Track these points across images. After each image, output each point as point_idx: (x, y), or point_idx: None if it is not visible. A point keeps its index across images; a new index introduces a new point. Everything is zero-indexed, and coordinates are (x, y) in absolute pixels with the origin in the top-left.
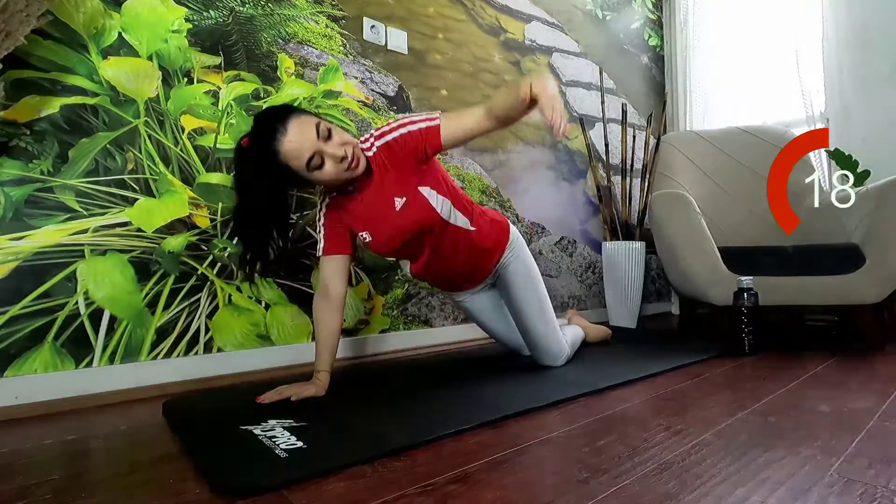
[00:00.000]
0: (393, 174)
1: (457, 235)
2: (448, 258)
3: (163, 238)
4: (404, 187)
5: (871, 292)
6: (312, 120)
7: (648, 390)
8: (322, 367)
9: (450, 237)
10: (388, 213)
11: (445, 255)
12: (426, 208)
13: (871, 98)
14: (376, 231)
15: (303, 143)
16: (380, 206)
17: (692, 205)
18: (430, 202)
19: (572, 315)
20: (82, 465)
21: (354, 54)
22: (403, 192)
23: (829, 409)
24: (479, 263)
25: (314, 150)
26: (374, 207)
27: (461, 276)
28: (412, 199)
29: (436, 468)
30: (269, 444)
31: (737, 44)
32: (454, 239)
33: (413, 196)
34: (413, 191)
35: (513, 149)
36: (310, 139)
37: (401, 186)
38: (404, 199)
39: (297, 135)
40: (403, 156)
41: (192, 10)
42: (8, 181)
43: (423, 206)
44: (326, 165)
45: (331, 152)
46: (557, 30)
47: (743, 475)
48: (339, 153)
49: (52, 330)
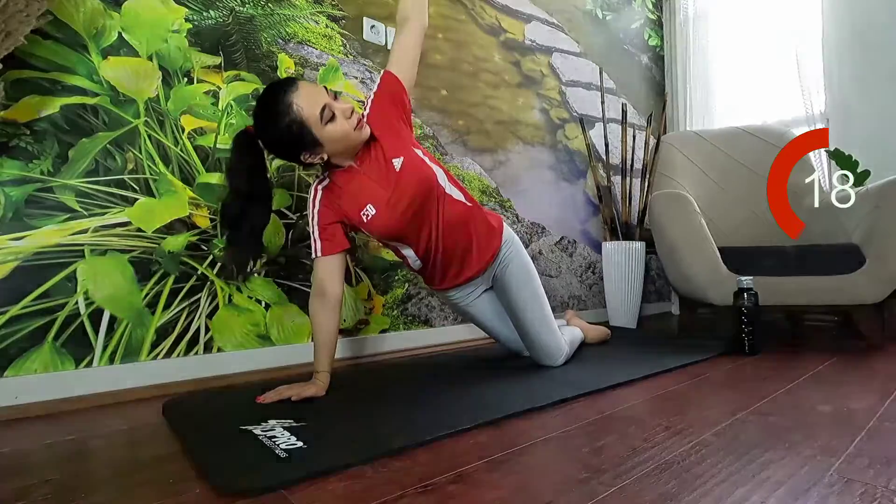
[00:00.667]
0: (387, 139)
1: (455, 207)
2: (449, 233)
3: (163, 238)
4: (400, 147)
5: (871, 292)
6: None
7: (648, 390)
8: (321, 367)
9: (449, 208)
10: (390, 177)
11: (447, 229)
12: (423, 167)
13: (871, 98)
14: (379, 202)
15: (316, 95)
16: (381, 172)
17: (692, 205)
18: (426, 162)
19: (571, 316)
20: (82, 465)
21: (354, 54)
22: (400, 152)
23: (829, 409)
24: (479, 244)
25: (326, 103)
26: (376, 174)
27: (463, 257)
28: (409, 159)
29: (436, 468)
30: (269, 444)
31: (737, 44)
32: (453, 211)
33: (410, 156)
34: (409, 150)
35: (513, 149)
36: (322, 94)
37: (396, 147)
38: (402, 159)
39: (309, 89)
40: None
41: (192, 10)
42: (8, 181)
43: (420, 165)
44: (338, 119)
45: (340, 107)
46: (557, 30)
47: (743, 475)
48: (347, 108)
49: (52, 330)
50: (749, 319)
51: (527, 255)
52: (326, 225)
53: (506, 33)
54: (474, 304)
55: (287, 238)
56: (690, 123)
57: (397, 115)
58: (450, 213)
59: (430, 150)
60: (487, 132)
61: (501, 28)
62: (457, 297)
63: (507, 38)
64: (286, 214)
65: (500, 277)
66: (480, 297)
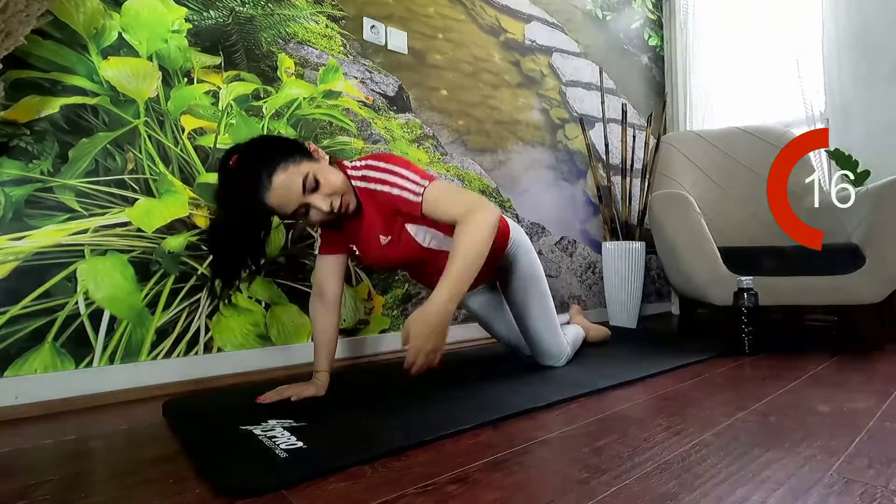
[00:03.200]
0: (378, 216)
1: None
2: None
3: (163, 238)
4: (389, 228)
5: (871, 292)
6: (301, 170)
7: (648, 390)
8: (321, 367)
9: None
10: (375, 246)
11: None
12: (412, 245)
13: (871, 98)
14: (364, 253)
15: (288, 197)
16: (366, 238)
17: (692, 205)
18: (415, 239)
19: (575, 313)
20: (82, 465)
21: (354, 54)
22: (388, 232)
23: (829, 409)
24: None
25: (300, 204)
26: (361, 237)
27: None
28: (397, 238)
29: (436, 468)
30: (269, 444)
31: (737, 44)
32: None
33: (398, 235)
34: (399, 230)
35: (513, 149)
36: (295, 193)
37: (386, 227)
38: (389, 238)
39: (282, 188)
40: (385, 207)
41: (192, 10)
42: (8, 181)
43: (409, 243)
44: (312, 215)
45: (318, 205)
46: (557, 30)
47: (743, 475)
48: (324, 207)
49: (52, 330)
50: (749, 319)
51: (534, 255)
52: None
53: (506, 33)
54: (477, 300)
55: (287, 238)
56: (690, 123)
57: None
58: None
59: (430, 150)
60: (487, 132)
61: (501, 28)
62: None
63: (507, 38)
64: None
65: (506, 275)
66: (483, 295)
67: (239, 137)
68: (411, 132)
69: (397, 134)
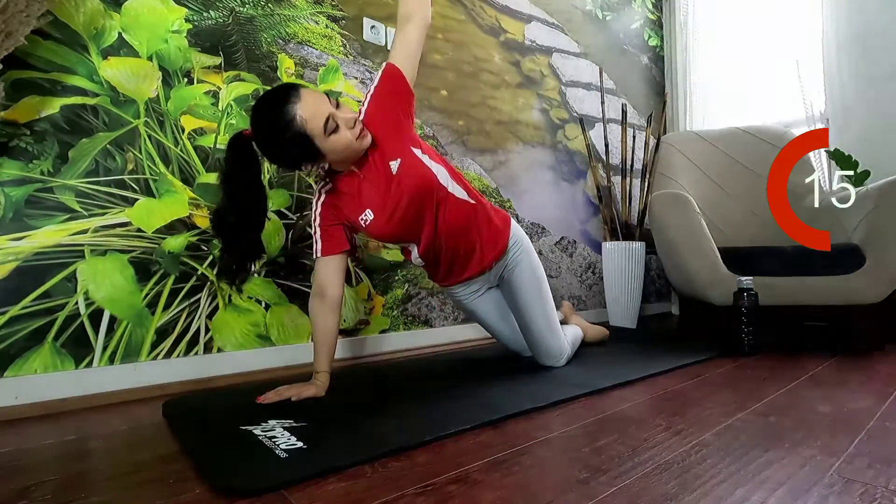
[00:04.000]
0: (385, 140)
1: (459, 207)
2: (452, 234)
3: (163, 238)
4: (397, 148)
5: (871, 292)
6: (321, 92)
7: (648, 390)
8: (321, 367)
9: (451, 208)
10: (387, 180)
11: (449, 230)
12: (422, 169)
13: (871, 98)
14: (377, 206)
15: (320, 105)
16: (378, 176)
17: (692, 205)
18: (424, 163)
19: (570, 312)
20: (82, 465)
21: (354, 54)
22: (397, 153)
23: (829, 409)
24: (483, 244)
25: (330, 113)
26: (374, 178)
27: (466, 257)
28: (407, 160)
29: (436, 468)
30: (269, 444)
31: (737, 44)
32: (456, 211)
33: (407, 157)
34: (406, 151)
35: (513, 149)
36: (325, 103)
37: (394, 148)
38: (399, 161)
39: (313, 99)
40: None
41: (192, 11)
42: (8, 181)
43: (419, 166)
44: (341, 130)
45: (343, 117)
46: (557, 30)
47: (743, 475)
48: (350, 116)
49: (52, 330)
50: (749, 319)
51: (535, 256)
52: (328, 226)
53: (506, 33)
54: (478, 301)
55: (287, 238)
56: (690, 123)
57: (398, 108)
58: (452, 213)
59: None
60: (487, 132)
61: (501, 28)
62: (460, 294)
63: (507, 38)
64: (286, 214)
65: (508, 277)
66: (484, 296)
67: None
68: None
69: None
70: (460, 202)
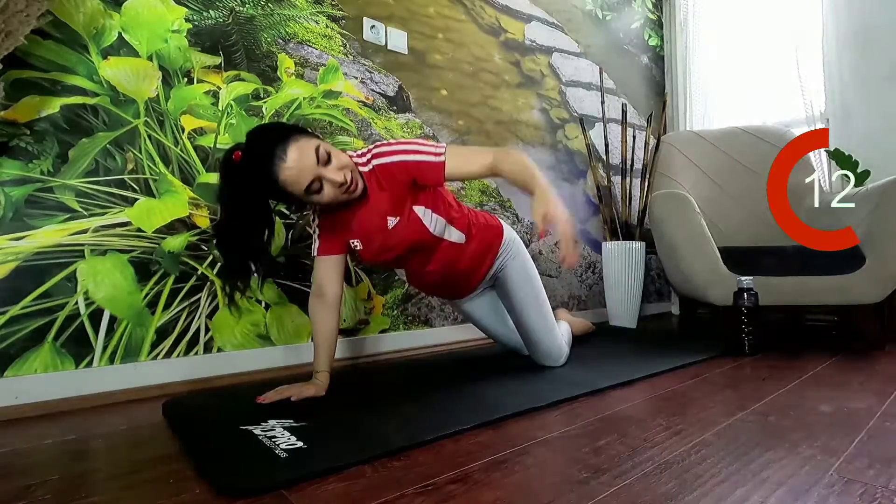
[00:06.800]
0: (387, 194)
1: (448, 250)
2: (438, 270)
3: (163, 238)
4: (398, 208)
5: (871, 292)
6: (312, 143)
7: (648, 390)
8: (321, 367)
9: (441, 253)
10: (380, 230)
11: (436, 268)
12: (418, 228)
13: (871, 98)
14: (367, 243)
15: (303, 169)
16: (371, 224)
17: (692, 205)
18: (423, 221)
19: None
20: (82, 465)
21: (354, 54)
22: (397, 212)
23: (829, 409)
24: (470, 271)
25: (314, 176)
26: (366, 224)
27: (454, 285)
28: (405, 219)
29: (436, 468)
30: (269, 444)
31: (737, 44)
32: (445, 254)
33: (406, 216)
34: (407, 211)
35: (513, 149)
36: (310, 165)
37: (394, 206)
38: (397, 219)
39: (297, 161)
40: (401, 180)
41: (192, 10)
42: (8, 181)
43: (416, 225)
44: (325, 189)
45: (330, 177)
46: (557, 30)
47: (743, 475)
48: (338, 178)
49: (52, 330)
50: (749, 319)
51: (527, 255)
52: (327, 228)
53: (506, 33)
54: (473, 303)
55: (287, 238)
56: (690, 123)
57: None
58: (444, 255)
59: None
60: (487, 132)
61: (501, 28)
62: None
63: (507, 38)
64: (286, 214)
65: (501, 277)
66: (480, 297)
67: (239, 137)
68: (411, 132)
69: (397, 134)
70: (454, 246)
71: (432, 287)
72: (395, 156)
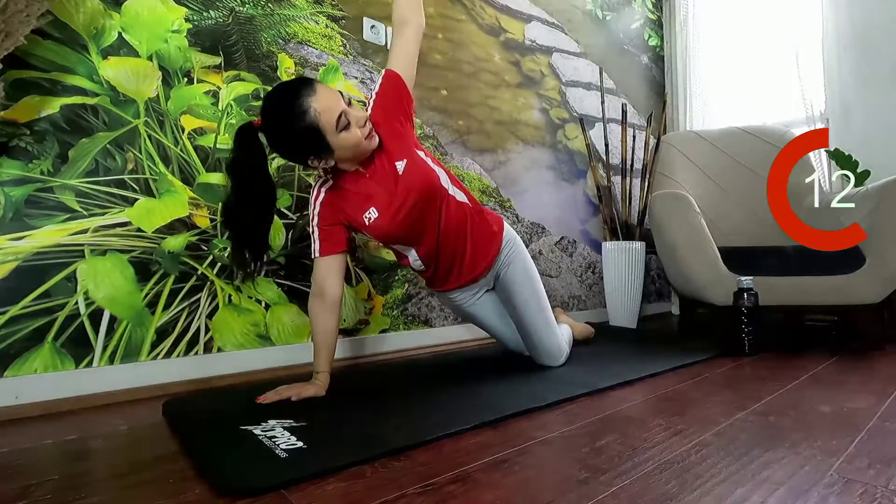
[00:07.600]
0: (390, 142)
1: (458, 209)
2: (451, 236)
3: (163, 238)
4: (402, 150)
5: (871, 292)
6: (335, 89)
7: (648, 390)
8: (321, 367)
9: (451, 210)
10: (394, 180)
11: (449, 231)
12: (426, 168)
13: (871, 98)
14: (383, 205)
15: (334, 101)
16: (385, 176)
17: (692, 205)
18: (428, 164)
19: (559, 311)
20: (82, 465)
21: (354, 54)
22: (403, 155)
23: (829, 409)
24: (480, 247)
25: (343, 110)
26: (380, 178)
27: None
28: (412, 161)
29: (436, 468)
30: (269, 444)
31: (737, 44)
32: (455, 213)
33: (413, 158)
34: (412, 152)
35: (513, 149)
36: (339, 99)
37: (399, 150)
38: (405, 162)
39: (327, 94)
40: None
41: (192, 10)
42: (8, 181)
43: (424, 166)
44: (352, 128)
45: (355, 115)
46: (557, 30)
47: (743, 475)
48: (361, 117)
49: (52, 330)
50: (749, 319)
51: (528, 255)
52: (327, 226)
53: (506, 33)
54: (476, 304)
55: (287, 238)
56: (690, 123)
57: (400, 114)
58: (452, 214)
59: (431, 151)
60: (487, 132)
61: (501, 28)
62: (459, 299)
63: (507, 38)
64: (286, 214)
65: (502, 277)
66: (482, 298)
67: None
68: None
69: None
70: (460, 204)
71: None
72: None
